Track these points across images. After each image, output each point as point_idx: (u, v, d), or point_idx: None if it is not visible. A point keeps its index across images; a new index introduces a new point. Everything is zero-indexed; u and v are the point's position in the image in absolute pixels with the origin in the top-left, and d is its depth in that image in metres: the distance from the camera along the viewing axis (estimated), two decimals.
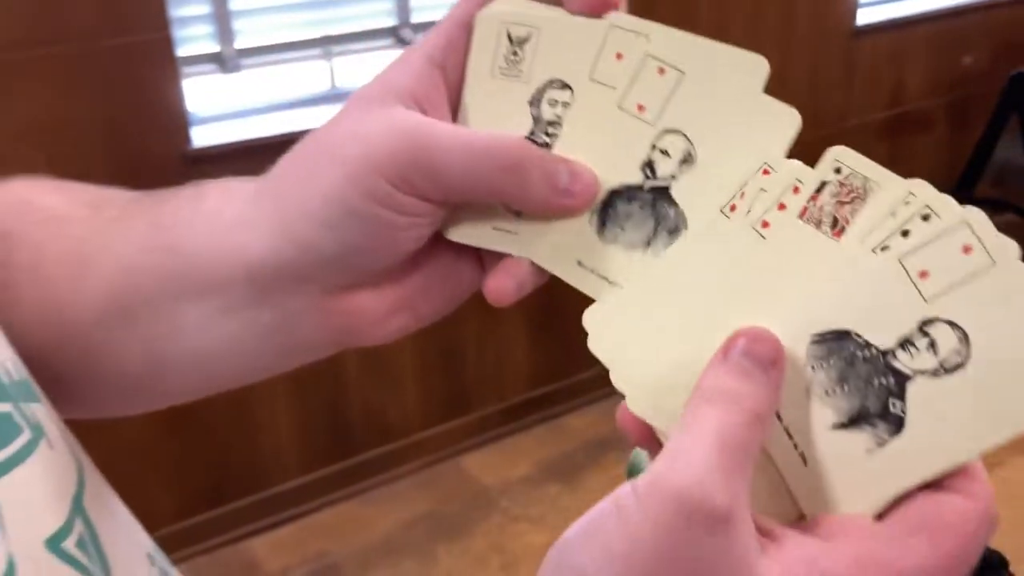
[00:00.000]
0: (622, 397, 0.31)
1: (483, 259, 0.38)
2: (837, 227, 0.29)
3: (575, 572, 0.26)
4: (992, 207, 3.00)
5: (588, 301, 0.34)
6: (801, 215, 0.30)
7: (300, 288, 0.37)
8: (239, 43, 2.00)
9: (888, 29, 2.89)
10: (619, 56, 0.34)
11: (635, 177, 0.34)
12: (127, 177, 2.13)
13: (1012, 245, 0.27)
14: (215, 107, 2.03)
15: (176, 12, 1.87)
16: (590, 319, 0.33)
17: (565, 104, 0.35)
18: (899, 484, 0.27)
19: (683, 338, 0.31)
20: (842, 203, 0.29)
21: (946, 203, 0.28)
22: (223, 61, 1.98)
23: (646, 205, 0.33)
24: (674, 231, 0.32)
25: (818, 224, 0.29)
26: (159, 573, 0.40)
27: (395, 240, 0.35)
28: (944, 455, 0.27)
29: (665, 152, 0.33)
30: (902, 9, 2.97)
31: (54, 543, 0.31)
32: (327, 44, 2.11)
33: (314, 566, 2.07)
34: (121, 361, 0.40)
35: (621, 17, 0.35)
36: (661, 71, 0.34)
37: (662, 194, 0.33)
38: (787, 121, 0.33)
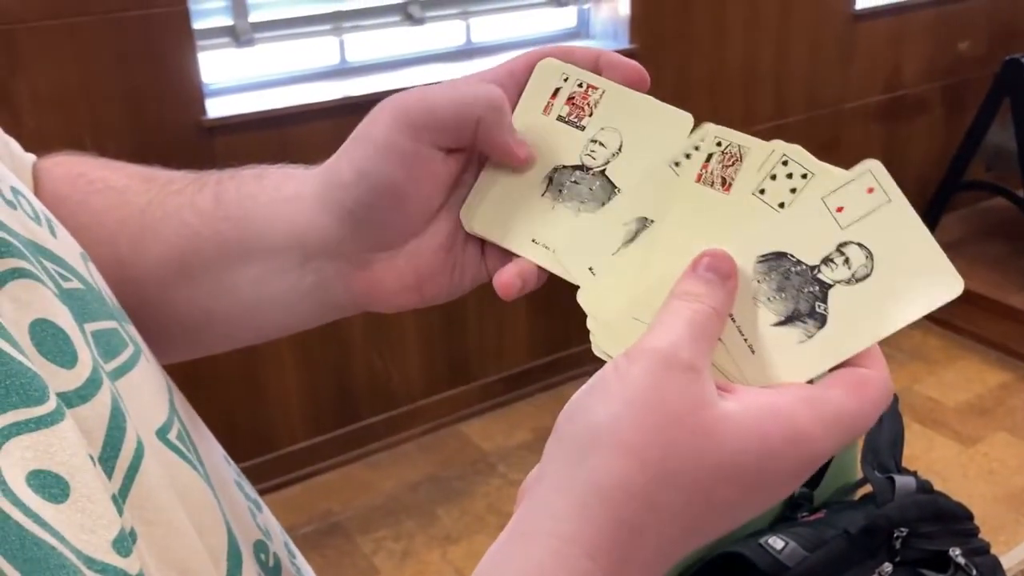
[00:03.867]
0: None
1: (487, 259, 0.46)
2: (726, 184, 0.39)
3: (587, 420, 0.33)
4: (983, 191, 3.06)
5: None
6: (697, 180, 0.40)
7: (335, 257, 0.45)
8: (253, 17, 2.05)
9: (887, 14, 2.94)
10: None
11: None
12: (146, 145, 2.19)
13: (899, 190, 0.36)
14: (229, 79, 2.09)
15: None
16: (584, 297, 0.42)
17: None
18: (824, 364, 0.36)
19: (641, 279, 0.40)
20: (726, 166, 0.39)
21: (798, 151, 0.38)
22: (237, 35, 2.04)
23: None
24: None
25: (711, 184, 0.39)
26: (235, 472, 0.48)
27: (406, 199, 0.43)
28: (856, 341, 0.36)
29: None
30: None
31: (161, 433, 0.39)
32: (337, 20, 2.16)
33: (319, 525, 2.15)
34: (177, 312, 0.48)
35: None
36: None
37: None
38: (683, 122, 0.42)
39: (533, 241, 0.44)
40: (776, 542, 1.00)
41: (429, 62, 2.33)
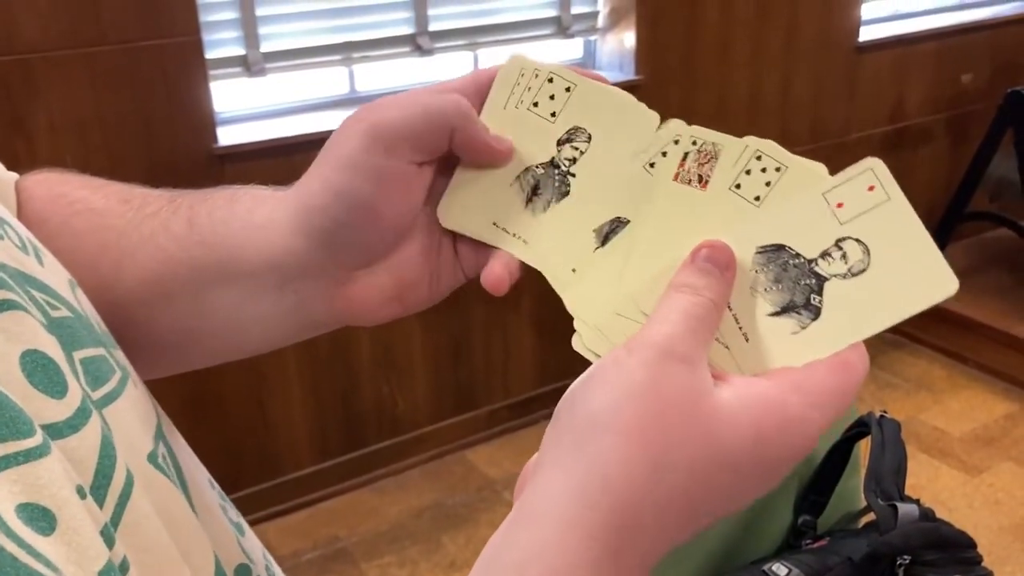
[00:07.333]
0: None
1: (461, 261, 0.47)
2: (703, 181, 0.40)
3: (587, 409, 0.34)
4: (987, 221, 3.08)
5: None
6: (674, 178, 0.40)
7: (314, 277, 0.45)
8: (264, 47, 2.08)
9: (890, 46, 2.96)
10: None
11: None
12: (158, 172, 2.23)
13: (899, 190, 0.36)
14: (241, 108, 2.13)
15: (206, 17, 1.96)
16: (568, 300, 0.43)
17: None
18: (815, 354, 0.36)
19: (624, 278, 0.41)
20: (702, 164, 0.40)
21: (771, 145, 0.38)
22: (249, 65, 2.07)
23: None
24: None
25: (688, 182, 0.40)
26: (219, 496, 0.48)
27: (379, 214, 0.43)
28: (848, 335, 0.36)
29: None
30: (904, 27, 3.05)
31: (152, 458, 0.39)
32: (347, 50, 2.19)
33: (324, 551, 2.15)
34: (160, 332, 0.49)
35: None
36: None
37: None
38: (649, 119, 0.43)
39: (510, 234, 0.44)
40: (780, 569, 1.00)
41: None
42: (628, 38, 2.47)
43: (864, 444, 1.21)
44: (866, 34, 2.91)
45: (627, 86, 2.64)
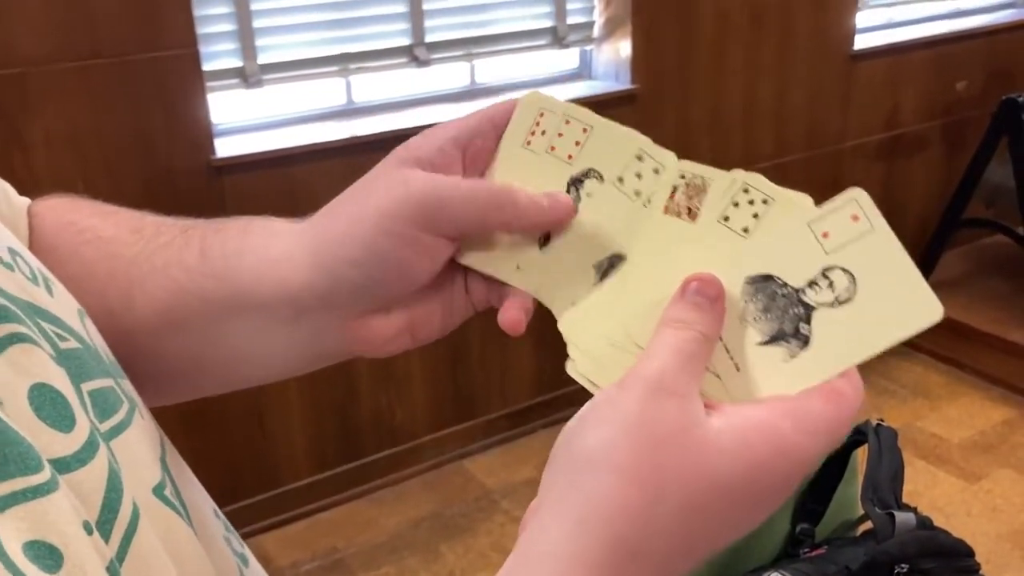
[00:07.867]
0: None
1: (472, 295, 0.48)
2: (692, 213, 0.41)
3: (582, 446, 0.34)
4: (983, 228, 3.08)
5: None
6: (664, 211, 0.41)
7: (330, 312, 0.45)
8: (261, 59, 2.09)
9: (885, 54, 2.98)
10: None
11: None
12: (156, 184, 2.23)
13: (883, 219, 0.37)
14: (238, 120, 2.13)
15: (203, 29, 1.96)
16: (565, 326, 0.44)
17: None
18: (805, 382, 0.37)
19: (617, 308, 0.42)
20: (691, 197, 0.41)
21: (757, 178, 0.39)
22: (246, 76, 2.07)
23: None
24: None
25: (678, 214, 0.41)
26: (223, 527, 0.48)
27: (411, 274, 0.44)
28: (837, 362, 0.37)
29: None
30: (898, 35, 3.06)
31: (158, 491, 0.39)
32: (344, 61, 2.20)
33: (322, 562, 2.15)
34: (168, 361, 0.49)
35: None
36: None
37: None
38: (666, 159, 0.43)
39: (522, 271, 0.45)
40: None
41: (434, 103, 2.37)
42: (624, 48, 2.48)
43: (861, 452, 1.22)
44: (861, 42, 2.92)
45: (623, 95, 2.64)
